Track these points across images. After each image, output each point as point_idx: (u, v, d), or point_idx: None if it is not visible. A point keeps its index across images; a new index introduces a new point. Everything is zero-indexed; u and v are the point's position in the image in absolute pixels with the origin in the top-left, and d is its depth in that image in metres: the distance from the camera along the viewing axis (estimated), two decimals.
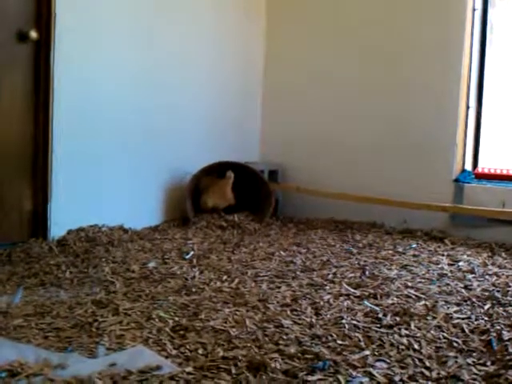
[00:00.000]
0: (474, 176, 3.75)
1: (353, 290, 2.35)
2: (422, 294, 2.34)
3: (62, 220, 2.92)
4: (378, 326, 1.98)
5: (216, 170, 3.66)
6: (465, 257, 3.02)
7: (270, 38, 4.22)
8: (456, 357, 1.74)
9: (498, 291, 2.39)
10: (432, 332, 1.92)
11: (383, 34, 3.88)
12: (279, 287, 2.38)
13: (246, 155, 4.08)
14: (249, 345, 1.77)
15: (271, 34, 4.22)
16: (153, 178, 3.50)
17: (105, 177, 3.17)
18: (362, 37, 3.94)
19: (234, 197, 3.68)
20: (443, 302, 2.24)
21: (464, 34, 3.66)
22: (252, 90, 4.22)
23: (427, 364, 1.68)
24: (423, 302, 2.22)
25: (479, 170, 3.80)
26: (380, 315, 2.06)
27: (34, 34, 2.81)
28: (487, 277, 2.65)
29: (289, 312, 2.08)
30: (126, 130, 3.28)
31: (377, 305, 2.18)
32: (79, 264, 2.58)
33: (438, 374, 1.62)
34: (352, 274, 2.59)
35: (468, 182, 3.69)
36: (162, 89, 3.50)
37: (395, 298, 2.26)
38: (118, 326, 1.89)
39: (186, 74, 3.67)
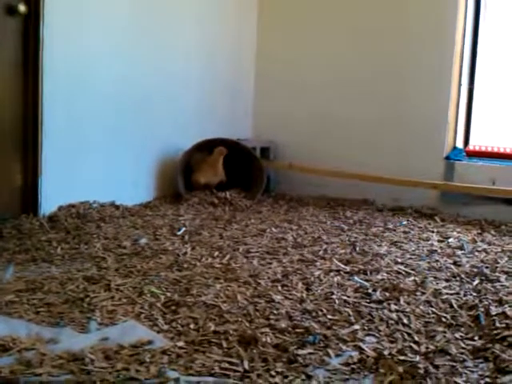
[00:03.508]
0: (465, 154, 3.76)
1: (343, 266, 2.37)
2: (412, 269, 2.37)
3: (52, 196, 2.91)
4: (368, 301, 2.00)
5: (207, 147, 3.65)
6: (454, 233, 3.05)
7: (263, 11, 4.17)
8: (444, 331, 1.77)
9: (487, 267, 2.42)
10: (421, 307, 1.95)
11: (376, 10, 3.84)
12: (270, 263, 2.40)
13: (237, 132, 4.07)
14: (240, 319, 1.79)
15: (264, 5, 4.17)
16: (144, 155, 3.48)
17: (96, 153, 3.15)
18: (356, 13, 3.90)
19: (224, 173, 3.68)
20: (432, 278, 2.26)
21: (457, 10, 3.63)
22: (244, 67, 4.19)
23: (416, 338, 1.71)
24: (412, 278, 2.25)
25: (470, 147, 3.81)
26: (370, 291, 2.09)
27: (22, 8, 2.76)
28: (476, 253, 2.67)
29: (280, 287, 2.10)
30: (117, 104, 3.25)
31: (367, 280, 2.20)
32: (70, 240, 2.58)
33: (427, 348, 1.64)
34: (342, 251, 2.61)
35: (459, 160, 3.70)
36: (154, 64, 3.46)
37: (385, 274, 2.28)
38: (110, 302, 1.90)
39: (177, 49, 3.63)
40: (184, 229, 2.86)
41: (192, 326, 1.74)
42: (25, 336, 1.63)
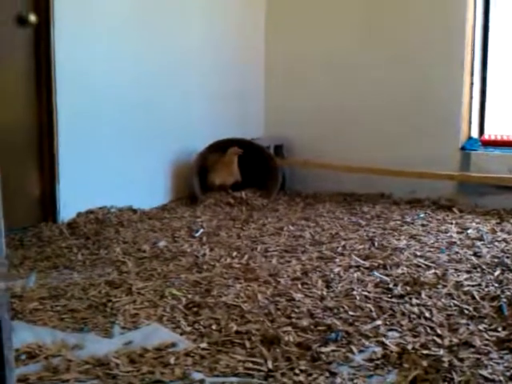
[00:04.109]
0: (480, 143, 3.73)
1: (362, 262, 2.37)
2: (432, 262, 2.35)
3: (70, 203, 2.94)
4: (389, 296, 1.99)
5: (221, 147, 3.66)
6: (473, 224, 3.03)
7: (271, 9, 4.17)
8: (467, 324, 1.76)
9: (508, 257, 2.40)
10: (443, 300, 1.94)
11: (389, 4, 3.82)
12: (289, 261, 2.40)
13: (250, 131, 4.07)
14: (261, 319, 1.79)
15: (272, 3, 4.17)
16: (159, 157, 3.50)
17: (111, 158, 3.18)
18: (366, 5, 3.88)
19: (240, 173, 3.69)
20: (453, 270, 2.25)
21: None
22: (254, 66, 4.19)
23: (439, 332, 1.70)
24: (433, 271, 2.24)
25: (486, 137, 3.78)
26: (390, 285, 2.08)
27: (33, 18, 2.79)
28: (496, 243, 2.65)
29: (300, 285, 2.10)
30: (130, 109, 3.27)
31: (387, 275, 2.20)
32: (90, 246, 2.61)
33: (450, 341, 1.64)
34: (361, 246, 2.61)
35: (475, 150, 3.67)
36: (166, 67, 3.47)
37: (405, 268, 2.28)
38: (132, 306, 1.92)
39: (189, 51, 3.64)
40: (202, 230, 2.87)
41: (214, 326, 1.75)
42: (50, 343, 1.65)
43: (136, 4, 3.29)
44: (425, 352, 1.57)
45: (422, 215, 3.24)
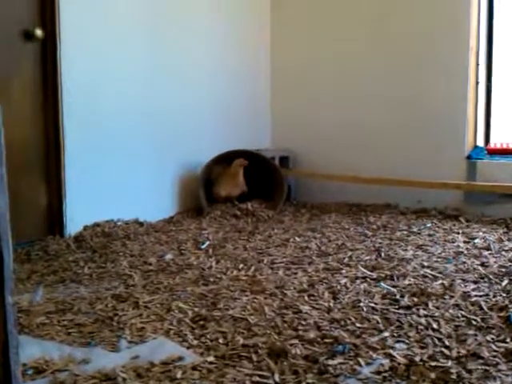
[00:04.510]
0: (486, 152, 3.72)
1: (369, 273, 2.36)
2: (439, 273, 2.34)
3: (77, 216, 2.95)
4: (396, 307, 1.98)
5: (227, 159, 3.67)
6: (480, 234, 3.02)
7: (276, 22, 4.19)
8: (475, 334, 1.75)
9: None
10: (450, 311, 1.93)
11: (392, 12, 3.83)
12: (295, 273, 2.40)
13: (256, 142, 4.08)
14: (268, 332, 1.79)
15: (277, 17, 4.19)
16: (165, 170, 3.51)
17: (117, 171, 3.19)
18: (371, 15, 3.90)
19: (246, 184, 3.69)
20: (460, 281, 2.24)
21: (470, 5, 3.60)
22: (261, 78, 4.21)
23: (447, 343, 1.69)
24: (440, 282, 2.23)
25: (491, 145, 3.77)
26: (397, 296, 2.07)
27: (39, 32, 2.82)
28: (503, 253, 2.64)
29: (306, 297, 2.09)
30: (137, 123, 3.29)
31: (394, 286, 2.19)
32: (97, 259, 2.61)
33: (458, 352, 1.62)
34: (368, 257, 2.60)
35: (481, 159, 3.67)
36: (173, 81, 3.50)
37: (412, 279, 2.27)
38: (139, 319, 1.92)
39: (194, 65, 3.67)
40: (208, 242, 2.87)
41: (221, 340, 1.75)
42: (57, 357, 1.65)
43: (142, 18, 3.32)
44: (433, 364, 1.56)
45: (428, 225, 3.23)
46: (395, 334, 1.77)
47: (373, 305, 2.00)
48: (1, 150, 1.01)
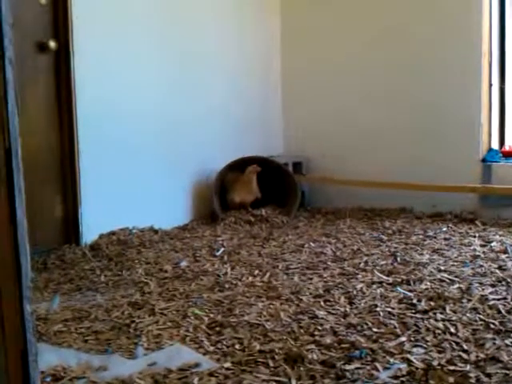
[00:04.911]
0: (501, 154, 3.69)
1: (385, 277, 2.35)
2: (456, 277, 2.33)
3: (93, 225, 2.97)
4: (413, 311, 1.97)
5: (240, 166, 3.68)
6: (497, 237, 2.99)
7: (287, 27, 4.19)
8: (494, 338, 1.73)
9: None
10: (468, 315, 1.92)
11: (404, 15, 3.82)
12: (311, 278, 2.39)
13: (269, 148, 4.08)
14: (285, 337, 1.78)
15: (288, 22, 4.19)
16: (179, 178, 3.53)
17: (132, 179, 3.21)
18: (383, 19, 3.88)
19: (259, 190, 3.70)
20: (477, 284, 2.22)
21: (482, 8, 3.59)
22: (272, 85, 4.21)
23: (465, 347, 1.68)
24: (457, 285, 2.21)
25: (506, 148, 3.74)
26: (414, 301, 2.06)
27: (52, 44, 2.85)
28: None
29: (322, 303, 2.09)
30: (151, 131, 3.31)
31: (410, 290, 2.18)
32: (113, 267, 2.63)
33: (477, 356, 1.61)
34: (383, 262, 2.59)
35: (496, 161, 3.64)
36: (184, 89, 3.52)
37: (428, 283, 2.25)
38: (155, 326, 1.93)
39: (207, 73, 3.68)
40: (223, 249, 2.88)
41: (237, 346, 1.75)
42: (75, 365, 1.66)
43: (156, 28, 3.34)
44: (451, 368, 1.54)
45: (444, 229, 3.20)
46: (412, 339, 1.76)
47: (389, 309, 1.99)
48: (18, 160, 1.02)
